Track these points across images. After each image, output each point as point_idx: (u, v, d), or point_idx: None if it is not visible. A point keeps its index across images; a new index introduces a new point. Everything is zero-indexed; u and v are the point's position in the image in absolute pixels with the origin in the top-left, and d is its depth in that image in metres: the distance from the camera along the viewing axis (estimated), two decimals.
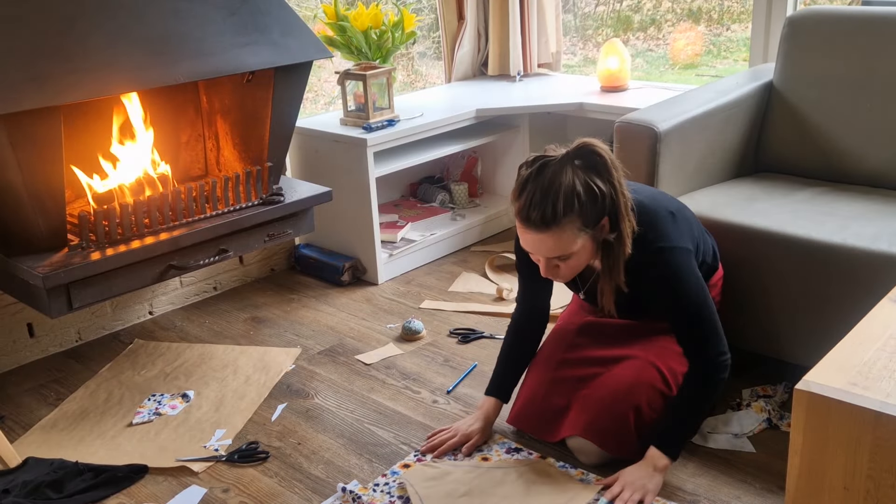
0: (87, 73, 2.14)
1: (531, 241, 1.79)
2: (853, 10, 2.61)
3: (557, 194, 1.72)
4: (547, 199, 1.72)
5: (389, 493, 1.99)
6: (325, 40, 3.16)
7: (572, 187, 1.73)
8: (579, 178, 1.74)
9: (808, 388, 1.22)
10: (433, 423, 2.28)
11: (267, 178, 2.63)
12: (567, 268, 1.84)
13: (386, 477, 2.06)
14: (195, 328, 2.91)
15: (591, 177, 1.76)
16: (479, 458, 2.09)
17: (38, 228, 2.24)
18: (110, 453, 2.21)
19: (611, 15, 4.17)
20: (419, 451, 2.15)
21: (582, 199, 1.73)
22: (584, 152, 1.78)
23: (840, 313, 2.03)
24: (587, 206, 1.74)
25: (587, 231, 1.77)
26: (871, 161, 2.49)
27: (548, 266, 1.84)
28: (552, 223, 1.73)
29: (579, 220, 1.75)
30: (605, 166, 1.77)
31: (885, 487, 1.19)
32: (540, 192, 1.73)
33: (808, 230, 2.15)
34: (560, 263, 1.82)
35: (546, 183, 1.74)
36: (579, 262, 1.84)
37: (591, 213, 1.75)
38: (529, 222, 1.75)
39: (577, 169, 1.76)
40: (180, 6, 2.36)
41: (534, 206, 1.73)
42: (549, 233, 1.75)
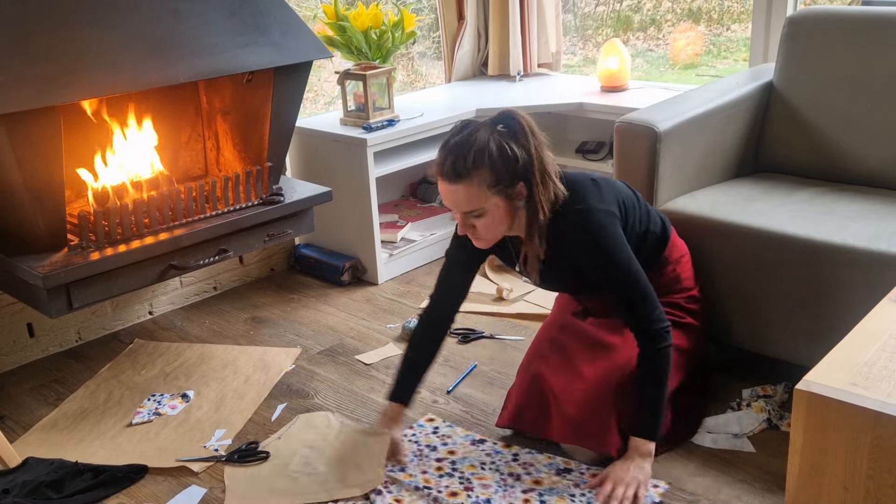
0: (86, 73, 2.14)
1: (445, 192, 1.87)
2: (853, 10, 2.61)
3: (470, 149, 1.82)
4: (460, 152, 1.82)
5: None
6: (325, 40, 3.16)
7: (485, 144, 1.82)
8: (494, 139, 1.83)
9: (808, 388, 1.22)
10: None
11: (267, 178, 2.63)
12: (482, 227, 1.89)
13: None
14: (195, 328, 2.91)
15: (507, 140, 1.84)
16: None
17: (38, 228, 2.24)
18: (110, 453, 2.21)
19: (611, 15, 4.17)
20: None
21: (493, 157, 1.82)
22: (507, 118, 1.87)
23: (840, 313, 2.03)
24: (498, 163, 1.82)
25: (498, 189, 1.84)
26: (870, 161, 2.49)
27: (464, 222, 1.90)
28: (463, 174, 1.82)
29: (490, 176, 1.82)
30: (523, 132, 1.86)
31: (884, 487, 1.19)
32: (456, 147, 1.84)
33: (808, 230, 2.15)
34: (475, 222, 1.88)
35: (463, 138, 1.84)
36: (493, 222, 1.89)
37: (502, 172, 1.83)
38: (443, 173, 1.85)
39: (496, 132, 1.85)
40: (180, 6, 2.36)
41: (448, 156, 1.84)
42: (460, 184, 1.83)
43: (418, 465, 2.09)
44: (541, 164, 1.88)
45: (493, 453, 2.12)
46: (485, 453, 2.12)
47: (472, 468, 2.07)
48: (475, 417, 2.30)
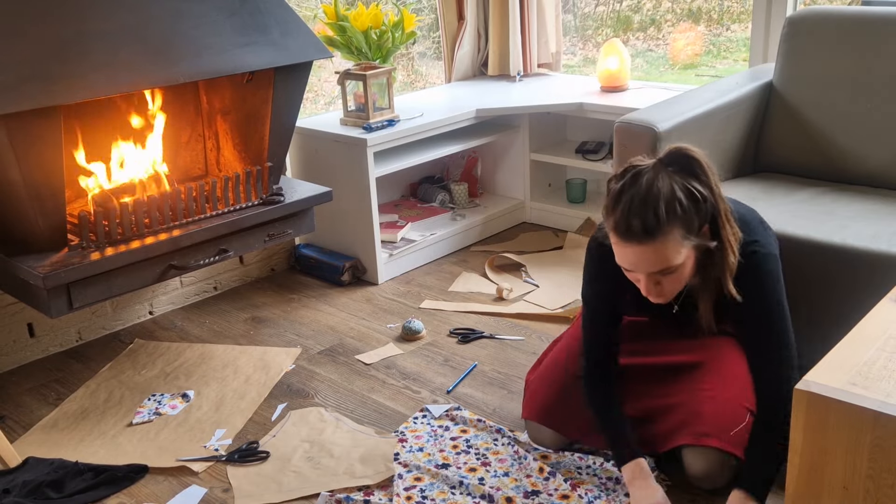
0: (87, 73, 2.14)
1: (632, 255, 1.64)
2: (853, 10, 2.61)
3: (657, 200, 1.58)
4: (647, 207, 1.58)
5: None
6: (325, 40, 3.17)
7: (672, 192, 1.60)
8: (677, 183, 1.61)
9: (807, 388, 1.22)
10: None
11: (267, 178, 2.63)
12: (670, 283, 1.69)
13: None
14: (195, 328, 2.91)
15: (689, 181, 1.63)
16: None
17: (39, 228, 2.24)
18: (110, 453, 2.21)
19: (611, 15, 4.17)
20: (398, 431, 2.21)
21: (684, 204, 1.60)
22: (678, 156, 1.66)
23: (839, 313, 2.03)
24: (690, 211, 1.61)
25: (691, 239, 1.63)
26: (870, 161, 2.49)
27: (649, 283, 1.68)
28: (656, 232, 1.59)
29: (683, 228, 1.61)
30: (703, 169, 1.65)
31: (884, 487, 1.19)
32: (638, 200, 1.59)
33: (808, 230, 2.15)
34: (662, 279, 1.68)
35: (643, 190, 1.60)
36: (683, 276, 1.69)
37: (693, 218, 1.62)
38: (630, 234, 1.60)
39: (674, 174, 1.63)
40: (180, 6, 2.36)
41: (633, 215, 1.59)
42: (652, 244, 1.60)
43: (435, 445, 2.16)
44: (723, 203, 1.68)
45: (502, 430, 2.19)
46: (494, 429, 2.20)
47: (486, 444, 2.15)
48: (476, 415, 2.30)
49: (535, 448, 2.11)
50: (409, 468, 2.06)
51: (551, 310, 2.87)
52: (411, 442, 2.18)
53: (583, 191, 3.60)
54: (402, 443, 2.17)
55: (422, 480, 2.02)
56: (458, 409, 2.31)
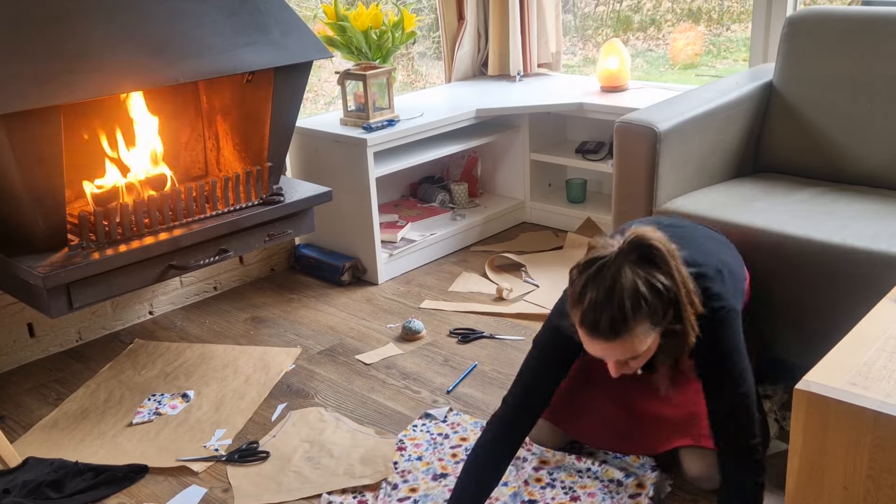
0: (87, 73, 2.14)
1: (600, 349, 1.67)
2: (853, 10, 2.61)
3: (622, 298, 1.59)
4: (612, 305, 1.59)
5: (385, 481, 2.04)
6: (325, 40, 3.17)
7: (636, 289, 1.60)
8: (640, 278, 1.61)
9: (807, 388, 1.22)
10: None
11: (267, 178, 2.63)
12: (636, 363, 1.72)
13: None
14: (195, 328, 2.91)
15: (653, 273, 1.63)
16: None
17: (38, 228, 2.24)
18: (110, 453, 2.21)
19: (611, 15, 4.17)
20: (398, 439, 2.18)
21: (648, 300, 1.61)
22: (638, 246, 1.64)
23: (839, 313, 2.03)
24: (654, 304, 1.62)
25: (656, 329, 1.66)
26: (870, 161, 2.49)
27: (616, 367, 1.72)
28: (622, 330, 1.61)
29: (648, 321, 1.63)
30: (664, 259, 1.65)
31: (884, 487, 1.19)
32: (604, 298, 1.60)
33: (808, 230, 2.15)
34: (631, 361, 1.71)
35: (607, 287, 1.60)
36: (648, 355, 1.72)
37: (658, 310, 1.63)
38: (597, 332, 1.62)
39: (636, 266, 1.63)
40: (180, 6, 2.36)
41: (599, 313, 1.60)
42: (619, 340, 1.62)
43: (434, 454, 2.13)
44: (685, 286, 1.67)
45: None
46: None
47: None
48: (475, 417, 2.30)
49: (532, 454, 2.09)
50: (405, 479, 2.04)
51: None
52: (410, 450, 2.16)
53: (583, 191, 3.60)
54: (400, 451, 2.16)
55: (416, 492, 2.00)
56: (456, 415, 2.30)
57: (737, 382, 1.76)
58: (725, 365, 1.77)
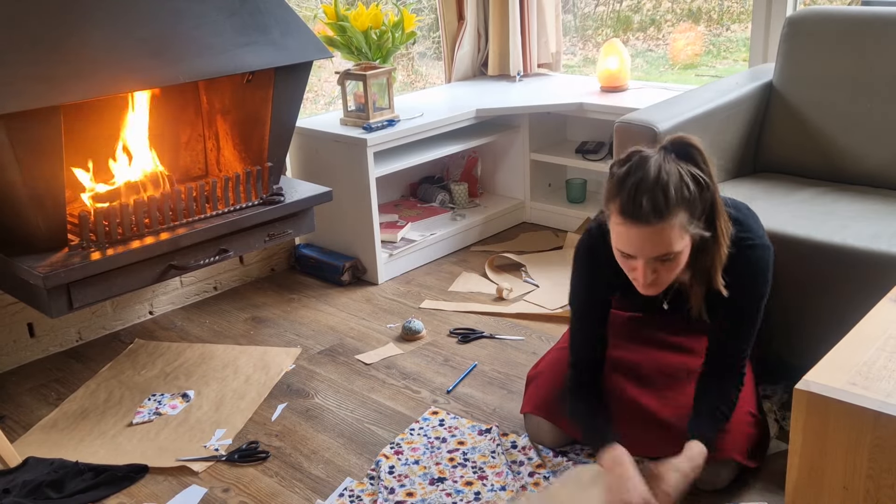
0: (87, 73, 2.14)
1: (636, 237, 1.63)
2: (853, 10, 2.61)
3: (667, 183, 1.59)
4: (656, 188, 1.59)
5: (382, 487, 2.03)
6: (325, 40, 3.17)
7: (680, 176, 1.61)
8: (683, 169, 1.63)
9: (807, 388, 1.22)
10: None
11: (267, 178, 2.63)
12: (666, 271, 1.68)
13: (375, 471, 2.10)
14: (195, 328, 2.91)
15: (692, 168, 1.65)
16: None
17: (39, 228, 2.24)
18: (110, 453, 2.21)
19: (610, 15, 4.17)
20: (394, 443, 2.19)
21: (691, 189, 1.61)
22: (680, 144, 1.68)
23: (839, 313, 2.03)
24: (695, 196, 1.62)
25: (693, 225, 1.64)
26: (870, 161, 2.49)
27: (646, 270, 1.67)
28: (664, 213, 1.59)
29: (688, 212, 1.62)
30: (703, 158, 1.67)
31: (884, 487, 1.19)
32: (649, 182, 1.59)
33: (808, 230, 2.15)
34: (660, 267, 1.67)
35: (653, 173, 1.60)
36: (679, 264, 1.69)
37: (698, 204, 1.64)
38: (638, 214, 1.59)
39: (678, 160, 1.65)
40: (180, 6, 2.36)
41: (643, 195, 1.59)
42: (658, 226, 1.60)
43: (431, 458, 2.12)
44: (718, 195, 1.69)
45: (499, 441, 2.16)
46: (493, 441, 2.16)
47: (483, 457, 2.11)
48: (475, 417, 2.30)
49: (529, 458, 2.08)
50: (402, 483, 2.03)
51: (551, 310, 2.87)
52: (407, 454, 2.14)
53: (583, 191, 3.60)
54: (397, 455, 2.14)
55: (413, 496, 1.98)
56: (454, 418, 2.29)
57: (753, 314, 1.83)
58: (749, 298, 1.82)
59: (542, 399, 2.10)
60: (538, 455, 2.09)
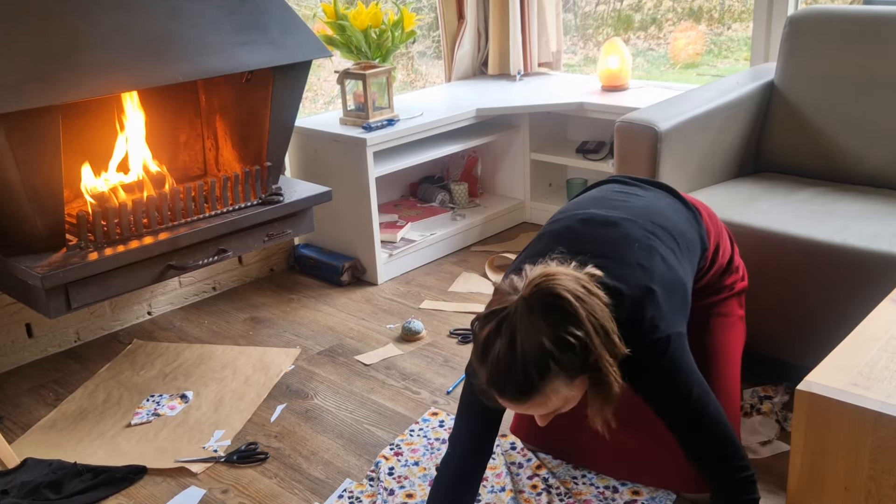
0: (85, 73, 2.14)
1: (516, 409, 1.53)
2: (854, 10, 2.61)
3: (526, 360, 1.41)
4: (516, 369, 1.42)
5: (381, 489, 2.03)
6: (324, 39, 3.16)
7: (540, 348, 1.41)
8: (544, 334, 1.41)
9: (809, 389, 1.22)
10: None
11: (266, 177, 2.63)
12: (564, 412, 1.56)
13: (375, 472, 2.10)
14: (194, 328, 2.91)
15: (560, 326, 1.42)
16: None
17: (37, 228, 2.23)
18: (109, 454, 2.21)
19: (611, 14, 4.16)
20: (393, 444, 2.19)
21: (556, 357, 1.41)
22: (542, 295, 1.43)
23: (841, 313, 2.03)
24: (564, 360, 1.42)
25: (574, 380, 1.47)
26: (871, 161, 2.49)
27: (542, 420, 1.57)
28: (532, 392, 1.44)
29: (561, 376, 1.44)
30: (572, 309, 1.43)
31: (886, 488, 1.19)
32: (507, 359, 1.42)
33: (809, 230, 2.14)
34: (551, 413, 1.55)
35: (508, 347, 1.42)
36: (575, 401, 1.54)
37: (572, 363, 1.44)
38: (505, 395, 1.47)
39: (540, 320, 1.42)
40: (180, 5, 2.35)
41: (503, 378, 1.44)
42: (531, 401, 1.46)
43: (431, 459, 2.12)
44: (602, 330, 1.45)
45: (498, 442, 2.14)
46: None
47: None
48: None
49: (528, 460, 2.08)
50: (402, 484, 2.03)
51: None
52: (406, 455, 2.14)
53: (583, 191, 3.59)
54: (397, 456, 2.14)
55: (413, 497, 1.98)
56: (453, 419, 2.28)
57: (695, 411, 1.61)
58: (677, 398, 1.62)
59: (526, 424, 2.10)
60: (536, 457, 2.09)
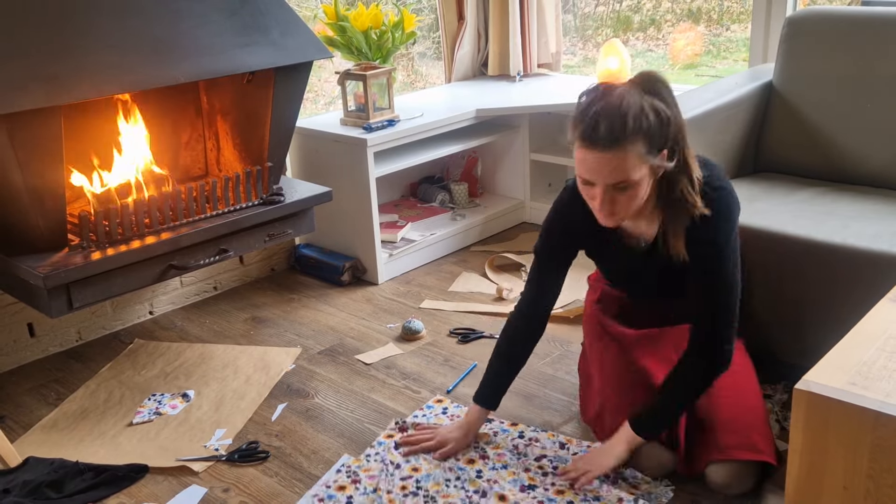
0: (87, 74, 2.14)
1: (593, 161, 1.68)
2: (853, 10, 2.61)
3: (626, 112, 1.64)
4: (615, 116, 1.64)
5: (382, 461, 2.10)
6: (325, 40, 3.16)
7: (640, 107, 1.66)
8: (646, 101, 1.67)
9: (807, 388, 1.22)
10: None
11: (267, 178, 2.63)
12: (625, 200, 1.71)
13: (374, 447, 2.16)
14: (195, 328, 2.91)
15: (656, 101, 1.68)
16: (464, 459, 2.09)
17: (39, 228, 2.24)
18: (110, 453, 2.21)
19: (610, 15, 4.17)
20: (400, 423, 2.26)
21: (650, 119, 1.66)
22: (648, 78, 1.72)
23: (840, 313, 2.03)
24: (655, 127, 1.67)
25: (650, 158, 1.68)
26: (871, 161, 2.49)
27: (604, 197, 1.71)
28: (621, 138, 1.64)
29: (646, 142, 1.66)
30: (669, 92, 1.72)
31: (884, 487, 1.19)
32: (607, 109, 1.66)
33: (809, 230, 2.15)
34: (617, 196, 1.71)
35: (614, 101, 1.66)
36: (637, 196, 1.72)
37: (657, 136, 1.68)
38: (595, 138, 1.65)
39: (644, 93, 1.69)
40: (180, 6, 2.36)
41: (602, 120, 1.65)
42: (615, 151, 1.65)
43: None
44: (683, 131, 1.74)
45: (500, 431, 2.20)
46: (493, 431, 2.20)
47: (486, 437, 2.16)
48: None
49: (533, 448, 2.12)
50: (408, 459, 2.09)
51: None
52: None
53: None
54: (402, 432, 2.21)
55: (419, 471, 2.04)
56: (457, 407, 2.31)
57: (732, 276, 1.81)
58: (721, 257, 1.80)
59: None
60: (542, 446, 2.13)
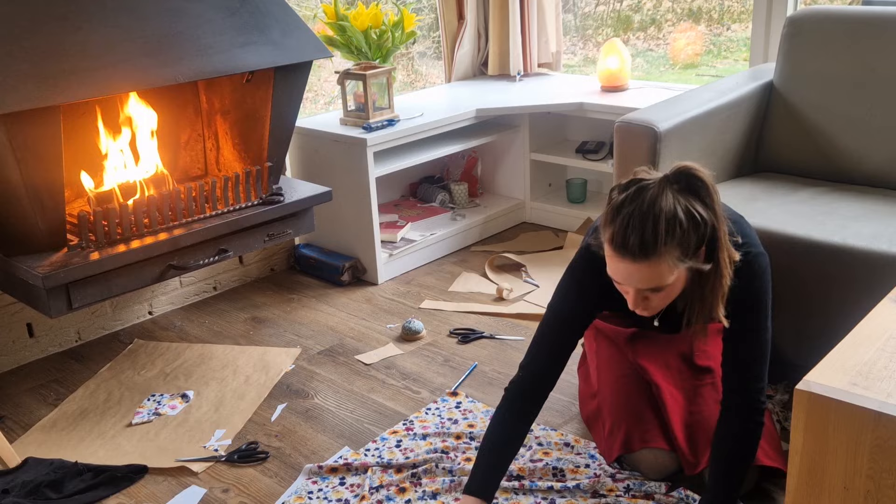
0: (86, 73, 2.14)
1: (624, 270, 1.60)
2: (853, 10, 2.61)
3: (658, 219, 1.54)
4: (646, 225, 1.54)
5: (380, 457, 2.12)
6: (324, 40, 3.16)
7: (674, 213, 1.55)
8: (680, 204, 1.56)
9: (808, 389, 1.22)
10: None
11: (267, 177, 2.63)
12: (658, 299, 1.66)
13: (376, 442, 2.18)
14: (195, 328, 2.91)
15: (692, 202, 1.58)
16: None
17: (38, 228, 2.24)
18: (110, 453, 2.21)
19: (611, 15, 4.17)
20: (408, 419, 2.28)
21: (684, 226, 1.55)
22: (684, 175, 1.60)
23: (840, 313, 2.03)
24: (688, 233, 1.57)
25: (685, 261, 1.59)
26: (871, 161, 2.49)
27: (637, 298, 1.65)
28: (651, 251, 1.55)
29: (679, 250, 1.57)
30: (707, 190, 1.60)
31: (885, 488, 1.19)
32: (639, 217, 1.55)
33: (808, 230, 2.14)
34: (651, 295, 1.65)
35: (645, 207, 1.55)
36: (672, 293, 1.66)
37: (691, 241, 1.58)
38: (625, 249, 1.57)
39: (677, 193, 1.58)
40: (180, 6, 2.36)
41: (632, 230, 1.55)
42: (646, 262, 1.57)
43: (439, 436, 2.19)
44: (723, 227, 1.62)
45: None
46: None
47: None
48: (488, 406, 2.30)
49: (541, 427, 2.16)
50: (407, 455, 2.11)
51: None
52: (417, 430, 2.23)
53: (583, 191, 3.59)
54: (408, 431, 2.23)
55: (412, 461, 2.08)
56: (471, 401, 2.31)
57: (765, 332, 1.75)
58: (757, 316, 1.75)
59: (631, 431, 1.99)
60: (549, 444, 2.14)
